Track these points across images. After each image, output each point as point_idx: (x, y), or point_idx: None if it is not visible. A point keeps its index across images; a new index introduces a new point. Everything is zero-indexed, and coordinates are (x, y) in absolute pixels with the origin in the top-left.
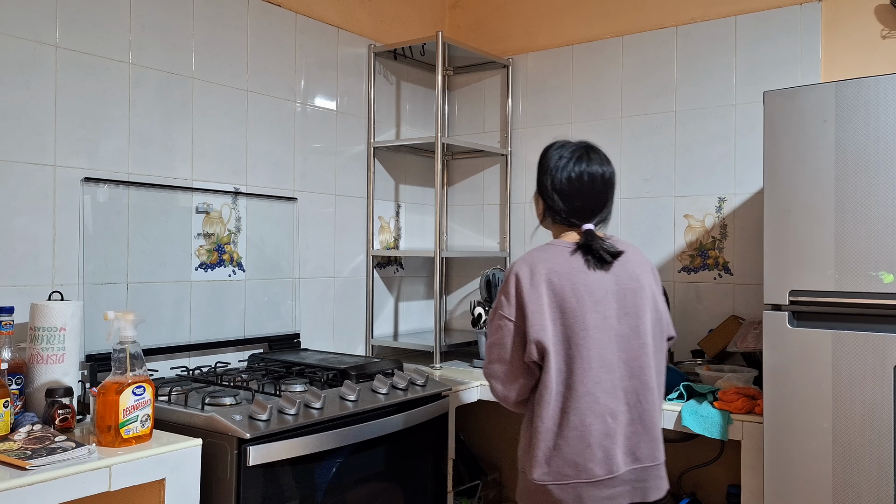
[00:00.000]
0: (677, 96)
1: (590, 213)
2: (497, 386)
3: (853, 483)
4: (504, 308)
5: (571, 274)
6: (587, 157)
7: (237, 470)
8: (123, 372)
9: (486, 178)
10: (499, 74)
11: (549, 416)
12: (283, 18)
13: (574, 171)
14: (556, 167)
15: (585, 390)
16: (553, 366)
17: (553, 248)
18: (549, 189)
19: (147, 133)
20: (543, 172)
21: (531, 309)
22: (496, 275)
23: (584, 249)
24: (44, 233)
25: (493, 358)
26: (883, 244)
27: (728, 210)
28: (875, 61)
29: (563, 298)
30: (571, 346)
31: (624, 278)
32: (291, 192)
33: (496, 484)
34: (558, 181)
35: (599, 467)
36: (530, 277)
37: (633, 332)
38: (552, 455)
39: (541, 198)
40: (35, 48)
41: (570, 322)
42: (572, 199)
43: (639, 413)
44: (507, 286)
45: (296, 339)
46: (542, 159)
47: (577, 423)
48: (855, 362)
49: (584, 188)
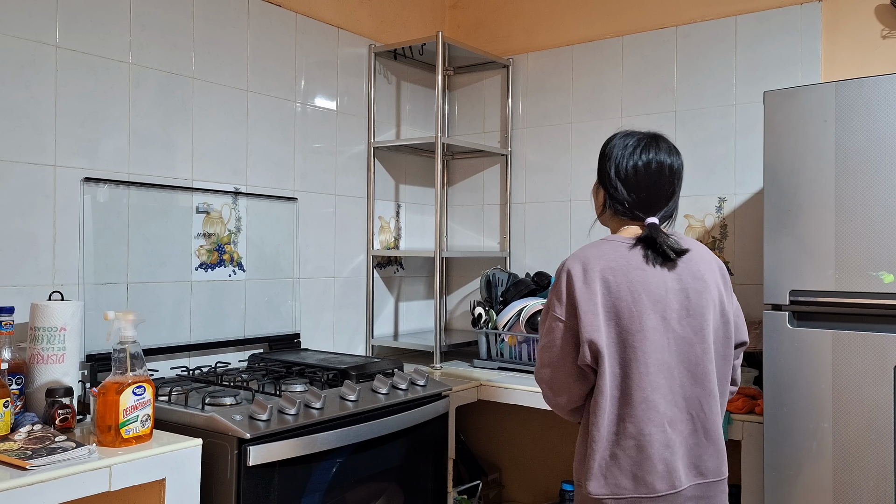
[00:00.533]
0: (677, 96)
1: (654, 206)
2: (547, 391)
3: (853, 483)
4: (555, 308)
5: (628, 271)
6: (655, 145)
7: (237, 470)
8: (124, 372)
9: (487, 178)
10: (499, 74)
11: (604, 424)
12: (284, 18)
13: (641, 158)
14: (621, 154)
15: (643, 396)
16: (608, 369)
17: (609, 243)
18: (612, 177)
19: (147, 133)
20: (606, 160)
21: (584, 308)
22: (496, 275)
23: (645, 243)
24: (44, 233)
25: (544, 362)
26: (883, 244)
27: (728, 210)
28: (875, 61)
29: (618, 297)
30: (627, 349)
31: (687, 277)
32: (292, 192)
33: (496, 484)
34: (623, 169)
35: (661, 481)
36: (583, 275)
37: (696, 336)
38: (609, 466)
39: (601, 188)
40: (35, 48)
41: (625, 323)
42: (637, 188)
43: (702, 423)
44: (559, 285)
45: (296, 339)
46: (605, 147)
47: (634, 433)
48: (855, 362)
49: (650, 178)
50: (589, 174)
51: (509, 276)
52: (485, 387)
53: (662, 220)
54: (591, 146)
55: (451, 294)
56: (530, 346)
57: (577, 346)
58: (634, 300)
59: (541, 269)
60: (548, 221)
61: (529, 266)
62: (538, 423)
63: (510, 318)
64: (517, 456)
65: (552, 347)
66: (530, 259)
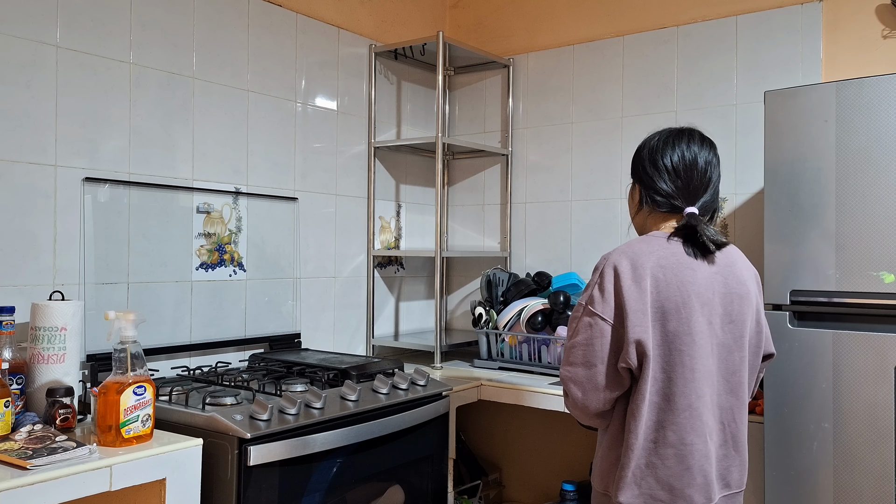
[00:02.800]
0: (678, 96)
1: (693, 196)
2: (576, 393)
3: (854, 483)
4: (597, 304)
5: (679, 270)
6: (688, 136)
7: (238, 470)
8: (124, 372)
9: (487, 178)
10: (499, 74)
11: (642, 431)
12: (284, 18)
13: (675, 150)
14: (654, 147)
15: (687, 404)
16: (650, 373)
17: (655, 239)
18: (647, 170)
19: (148, 133)
20: (640, 156)
21: (633, 307)
22: (497, 275)
23: (685, 233)
24: (45, 233)
25: (577, 360)
26: (884, 244)
27: (729, 210)
28: (876, 61)
29: (667, 297)
30: (673, 353)
31: (732, 282)
32: (292, 191)
33: (497, 483)
34: (658, 160)
35: (699, 494)
36: (632, 271)
37: (735, 343)
38: (644, 475)
39: (637, 185)
40: (36, 48)
41: (673, 325)
42: (674, 178)
43: (731, 433)
44: (603, 280)
45: (296, 338)
46: (639, 148)
47: (675, 441)
48: (856, 362)
49: (685, 167)
50: (589, 174)
51: (510, 276)
52: (485, 387)
53: (703, 214)
54: (591, 146)
55: (451, 294)
56: (531, 346)
57: (619, 347)
58: (684, 301)
59: (541, 269)
60: (548, 221)
61: (530, 266)
62: (538, 423)
63: (511, 317)
64: (517, 456)
65: (590, 346)
66: (531, 259)
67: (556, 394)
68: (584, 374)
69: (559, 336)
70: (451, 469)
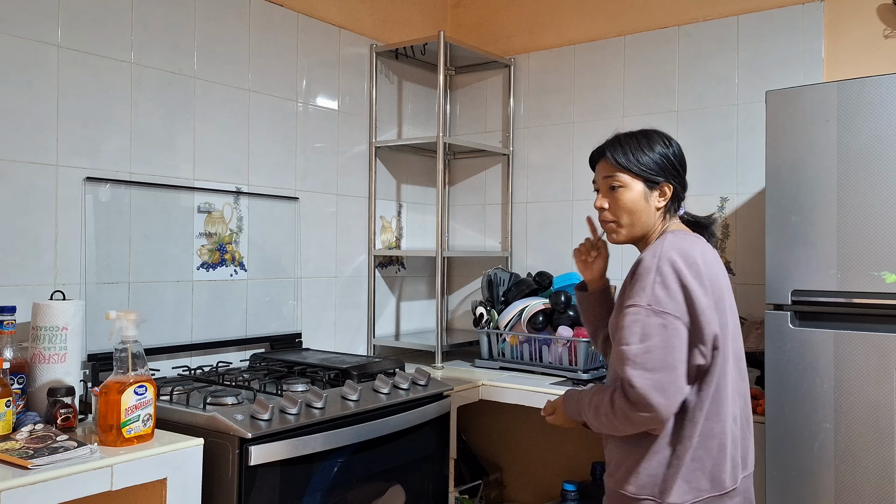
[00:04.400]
0: (679, 96)
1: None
2: (660, 400)
3: (855, 483)
4: (665, 304)
5: (716, 263)
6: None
7: (239, 469)
8: (125, 371)
9: (488, 178)
10: (500, 74)
11: (698, 426)
12: (285, 18)
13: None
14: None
15: (726, 394)
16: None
17: (687, 234)
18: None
19: (149, 133)
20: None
21: (702, 302)
22: (498, 274)
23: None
24: (46, 232)
25: (655, 365)
26: (885, 244)
27: (730, 210)
28: (877, 61)
29: (713, 290)
30: (724, 344)
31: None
32: (293, 191)
33: (498, 483)
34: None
35: (729, 478)
36: (688, 267)
37: (738, 330)
38: (693, 470)
39: (665, 184)
40: (37, 48)
41: (721, 317)
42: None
43: (745, 416)
44: (665, 278)
45: (297, 338)
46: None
47: (718, 431)
48: (857, 362)
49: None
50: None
51: (511, 276)
52: (486, 387)
53: None
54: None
55: (452, 294)
56: (532, 345)
57: (691, 345)
58: (723, 293)
59: (542, 268)
60: (549, 221)
61: (531, 266)
62: (540, 423)
63: (512, 317)
64: (518, 456)
65: (668, 347)
66: (532, 259)
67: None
68: (667, 379)
69: (560, 336)
70: (452, 469)
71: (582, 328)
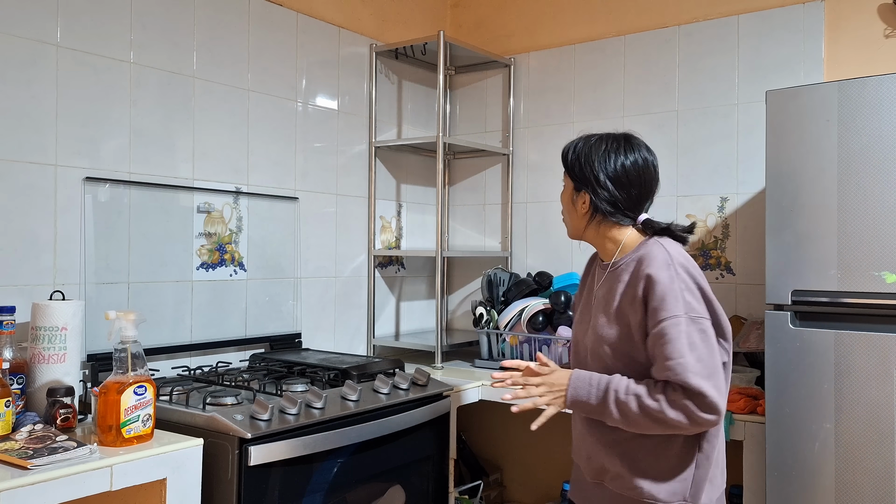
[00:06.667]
0: (679, 96)
1: (643, 203)
2: (721, 405)
3: (856, 483)
4: (698, 309)
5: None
6: (634, 143)
7: (238, 470)
8: (125, 371)
9: (488, 178)
10: (500, 74)
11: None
12: (285, 18)
13: (627, 158)
14: (603, 156)
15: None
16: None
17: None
18: (600, 179)
19: (148, 132)
20: (586, 164)
21: (715, 301)
22: (497, 275)
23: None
24: (45, 232)
25: (710, 372)
26: (886, 244)
27: (730, 210)
28: (878, 61)
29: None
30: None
31: None
32: (293, 191)
33: (498, 484)
34: (611, 170)
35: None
36: (693, 267)
37: None
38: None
39: (585, 193)
40: (36, 47)
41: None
42: (629, 187)
43: None
44: (687, 284)
45: (297, 338)
46: (574, 153)
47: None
48: (857, 362)
49: (638, 175)
50: None
51: (511, 276)
52: (486, 387)
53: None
54: None
55: (452, 294)
56: (532, 346)
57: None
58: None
59: (542, 268)
60: (549, 221)
61: (531, 266)
62: None
63: (511, 317)
64: (518, 456)
65: (711, 351)
66: (532, 259)
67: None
68: (720, 381)
69: (560, 336)
70: (452, 469)
71: None
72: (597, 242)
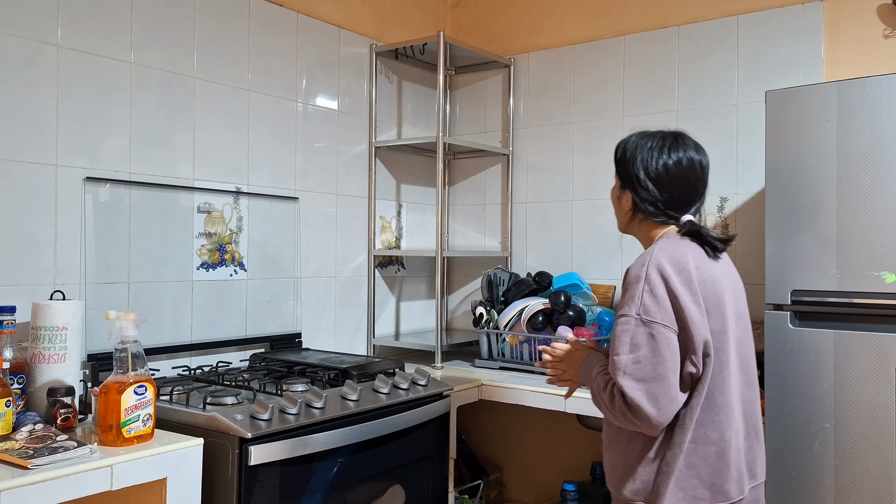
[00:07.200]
0: (679, 96)
1: (688, 204)
2: (650, 410)
3: (855, 483)
4: (653, 313)
5: (710, 268)
6: (682, 142)
7: (238, 469)
8: (125, 371)
9: (488, 178)
10: (500, 74)
11: (687, 432)
12: (285, 18)
13: (671, 157)
14: (648, 155)
15: (725, 401)
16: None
17: (679, 239)
18: (641, 178)
19: (148, 133)
20: (630, 162)
21: (692, 310)
22: (497, 274)
23: (692, 236)
24: (45, 232)
25: (645, 375)
26: (885, 244)
27: (730, 210)
28: (877, 61)
29: (707, 296)
30: (716, 351)
31: (734, 277)
32: (293, 191)
33: (497, 483)
34: (652, 169)
35: (734, 487)
36: (678, 273)
37: (745, 336)
38: (687, 477)
39: (628, 191)
40: (36, 47)
41: (714, 324)
42: (670, 187)
43: (753, 424)
44: (653, 286)
45: (297, 338)
46: (622, 150)
47: (716, 439)
48: (857, 362)
49: (682, 175)
50: (590, 174)
51: (510, 276)
52: (486, 387)
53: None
54: (592, 146)
55: (452, 294)
56: (532, 345)
57: (683, 353)
58: (719, 299)
59: (542, 268)
60: (549, 221)
61: (531, 266)
62: (539, 423)
63: (511, 317)
64: (518, 456)
65: (657, 358)
66: (531, 259)
67: (557, 394)
68: (659, 389)
69: (560, 336)
70: (452, 469)
71: (582, 328)
72: (640, 240)
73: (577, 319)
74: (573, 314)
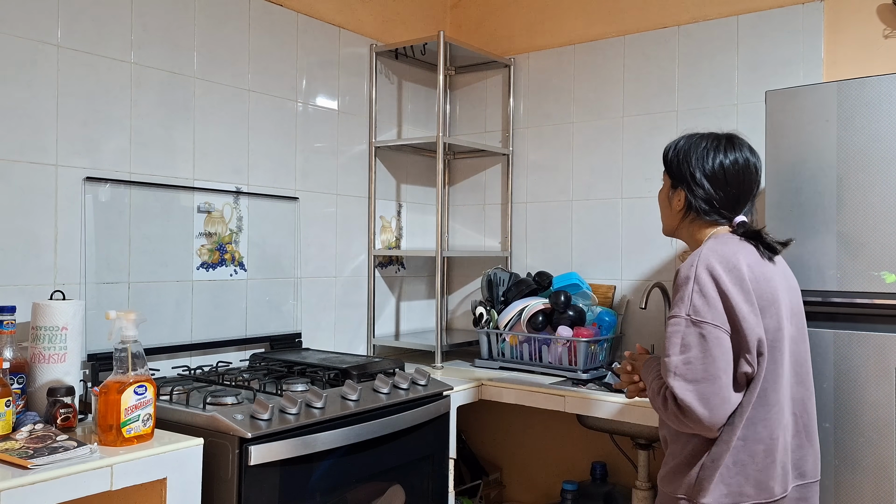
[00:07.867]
0: (679, 96)
1: (741, 204)
2: (701, 412)
3: (855, 483)
4: (703, 313)
5: (763, 267)
6: (737, 143)
7: (238, 469)
8: (125, 371)
9: (488, 178)
10: (500, 74)
11: (737, 430)
12: (285, 18)
13: (727, 157)
14: (702, 154)
15: (777, 399)
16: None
17: (731, 238)
18: (697, 177)
19: (149, 133)
20: (685, 161)
21: (744, 309)
22: (497, 274)
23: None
24: (46, 232)
25: (696, 376)
26: (885, 244)
27: None
28: (877, 61)
29: (761, 294)
30: (771, 350)
31: (789, 275)
32: (293, 191)
33: (497, 483)
34: (709, 168)
35: (779, 485)
36: (728, 273)
37: (800, 335)
38: (733, 474)
39: (681, 190)
40: (37, 47)
41: (767, 321)
42: (726, 186)
43: (804, 423)
44: (703, 287)
45: (297, 338)
46: (675, 151)
47: (765, 437)
48: (857, 362)
49: (738, 175)
50: (590, 174)
51: (510, 276)
52: (486, 386)
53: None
54: (592, 146)
55: (452, 294)
56: (531, 345)
57: (736, 353)
58: (773, 297)
59: (542, 268)
60: (549, 221)
61: (531, 266)
62: (539, 423)
63: (511, 317)
64: (518, 456)
65: (709, 358)
66: (531, 259)
67: (557, 394)
68: (710, 389)
69: (560, 336)
70: (452, 469)
71: (581, 328)
72: (688, 242)
73: (577, 319)
74: (573, 314)
